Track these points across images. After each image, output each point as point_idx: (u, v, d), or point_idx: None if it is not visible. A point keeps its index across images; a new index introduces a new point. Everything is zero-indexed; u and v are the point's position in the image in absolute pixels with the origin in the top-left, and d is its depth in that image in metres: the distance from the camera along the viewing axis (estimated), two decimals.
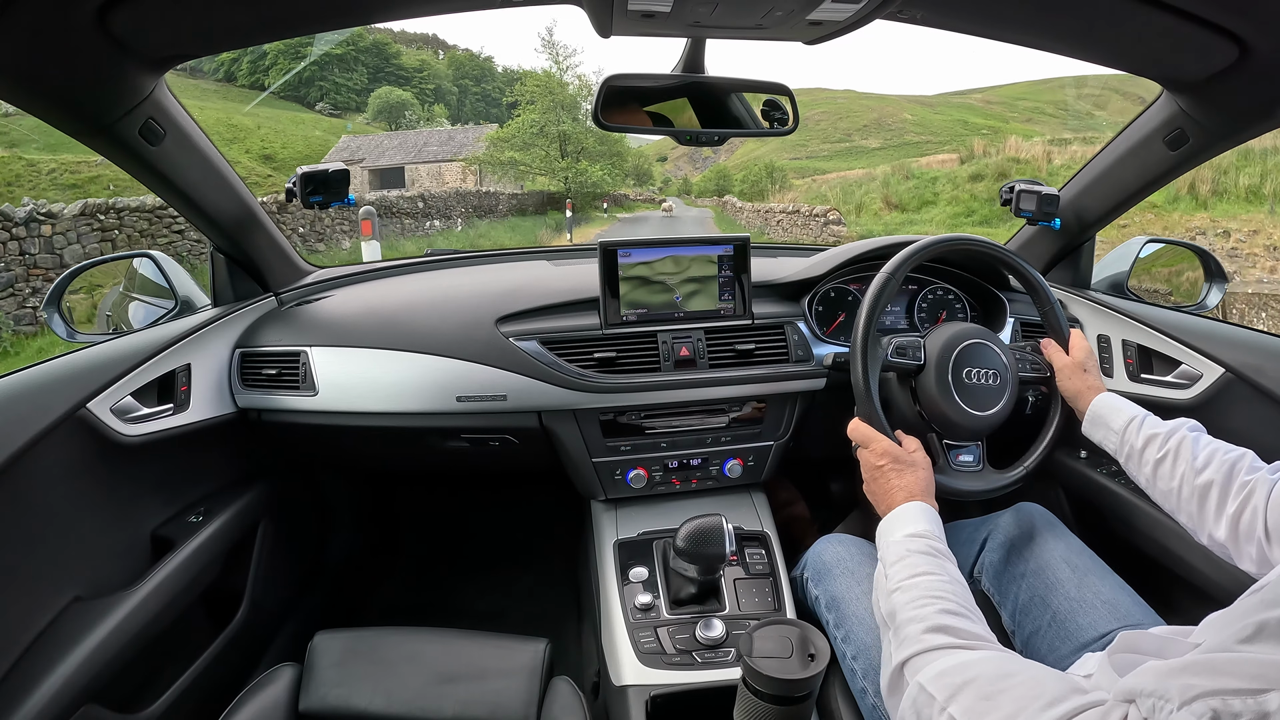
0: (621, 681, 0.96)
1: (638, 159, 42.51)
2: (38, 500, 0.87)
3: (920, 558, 0.72)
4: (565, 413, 1.16)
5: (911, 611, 0.65)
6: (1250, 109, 0.91)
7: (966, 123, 45.10)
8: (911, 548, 0.74)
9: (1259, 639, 0.39)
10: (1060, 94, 53.01)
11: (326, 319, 1.24)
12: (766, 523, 1.22)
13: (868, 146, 42.96)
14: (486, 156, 23.57)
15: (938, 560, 0.72)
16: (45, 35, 0.67)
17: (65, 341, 1.11)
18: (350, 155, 24.96)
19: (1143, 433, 0.88)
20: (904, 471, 0.85)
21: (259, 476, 1.30)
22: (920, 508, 0.80)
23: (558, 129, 24.83)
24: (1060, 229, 1.32)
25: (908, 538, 0.76)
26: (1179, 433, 0.85)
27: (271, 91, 44.91)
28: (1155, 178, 1.13)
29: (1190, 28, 0.74)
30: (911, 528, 0.78)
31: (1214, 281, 1.33)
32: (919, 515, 0.79)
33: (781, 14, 0.74)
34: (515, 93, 31.20)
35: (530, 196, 22.51)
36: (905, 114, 46.72)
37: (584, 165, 24.66)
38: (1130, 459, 0.89)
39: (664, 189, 50.71)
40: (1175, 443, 0.84)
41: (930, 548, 0.74)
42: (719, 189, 41.24)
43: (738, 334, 1.19)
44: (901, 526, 0.79)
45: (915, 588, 0.68)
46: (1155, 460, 0.85)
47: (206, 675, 1.10)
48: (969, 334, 1.03)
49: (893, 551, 0.75)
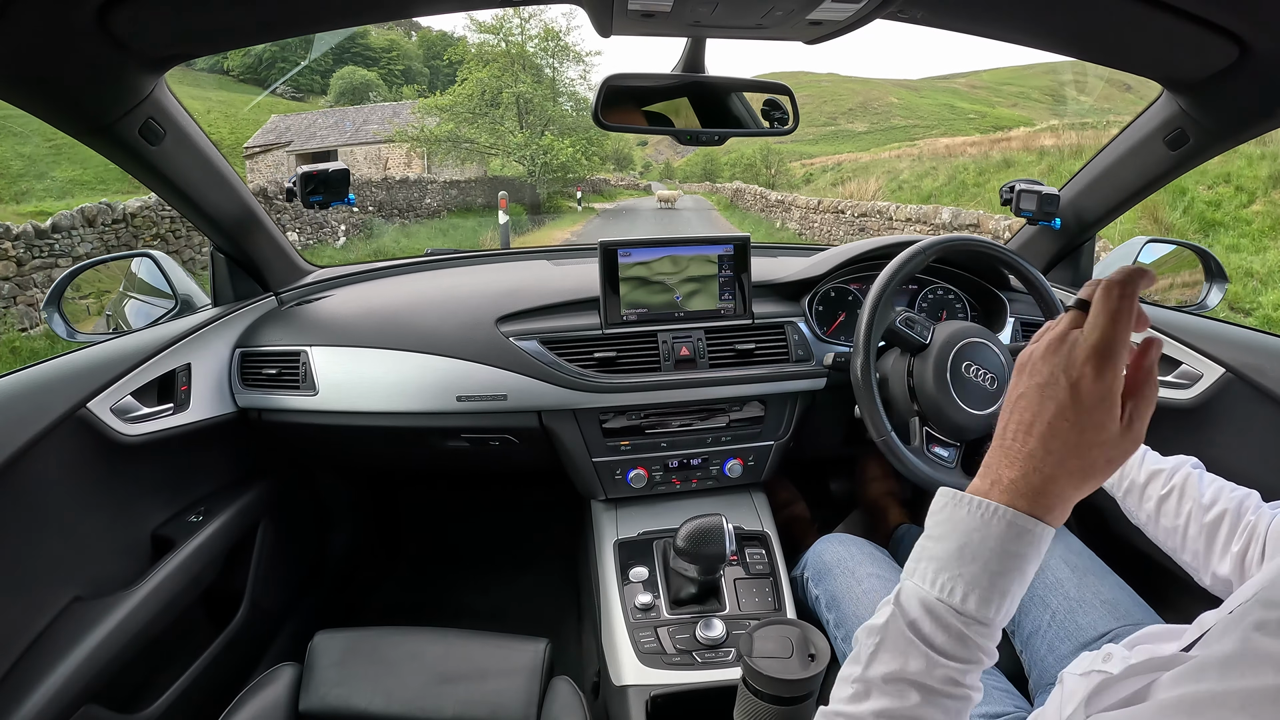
0: (621, 681, 0.96)
1: (618, 143, 39.86)
2: (38, 500, 0.86)
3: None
4: (565, 412, 1.16)
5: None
6: (1250, 109, 0.91)
7: (953, 107, 44.96)
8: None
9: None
10: (1044, 79, 52.79)
11: (326, 319, 1.24)
12: (766, 523, 1.22)
13: (854, 130, 42.71)
14: (417, 133, 18.15)
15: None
16: (45, 35, 0.67)
17: (65, 341, 1.11)
18: (278, 137, 20.78)
19: (1145, 468, 0.82)
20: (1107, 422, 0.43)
21: (259, 476, 1.30)
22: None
23: (515, 90, 19.06)
24: (1060, 229, 1.32)
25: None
26: (1183, 469, 0.80)
27: (227, 73, 41.86)
28: (1155, 178, 1.13)
29: (1190, 28, 0.74)
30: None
31: (1214, 281, 1.33)
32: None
33: (781, 14, 0.74)
34: (458, 50, 23.45)
35: (477, 186, 17.01)
36: (891, 97, 46.56)
37: (549, 141, 18.56)
38: (1130, 494, 0.84)
39: (645, 174, 48.41)
40: (1181, 479, 0.79)
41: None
42: (705, 173, 39.54)
43: (738, 334, 1.19)
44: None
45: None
46: (1159, 497, 0.80)
47: (206, 675, 1.10)
48: (971, 332, 1.04)
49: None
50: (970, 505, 0.44)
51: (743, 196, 18.95)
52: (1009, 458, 0.44)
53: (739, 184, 21.58)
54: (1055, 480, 0.42)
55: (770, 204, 15.96)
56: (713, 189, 28.92)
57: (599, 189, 28.79)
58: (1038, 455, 0.43)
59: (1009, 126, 22.04)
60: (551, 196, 19.56)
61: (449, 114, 18.87)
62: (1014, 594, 0.43)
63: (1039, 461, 0.42)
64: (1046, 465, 0.42)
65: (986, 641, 0.43)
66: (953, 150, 15.51)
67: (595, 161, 22.34)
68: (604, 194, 29.01)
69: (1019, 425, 0.44)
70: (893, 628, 0.44)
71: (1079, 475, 0.42)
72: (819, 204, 12.75)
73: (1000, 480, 0.44)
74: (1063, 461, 0.42)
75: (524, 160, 18.66)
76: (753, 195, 17.89)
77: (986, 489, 0.44)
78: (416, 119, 19.35)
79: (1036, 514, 0.43)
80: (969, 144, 15.66)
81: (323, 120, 22.30)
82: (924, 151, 17.17)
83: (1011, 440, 0.44)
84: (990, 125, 36.91)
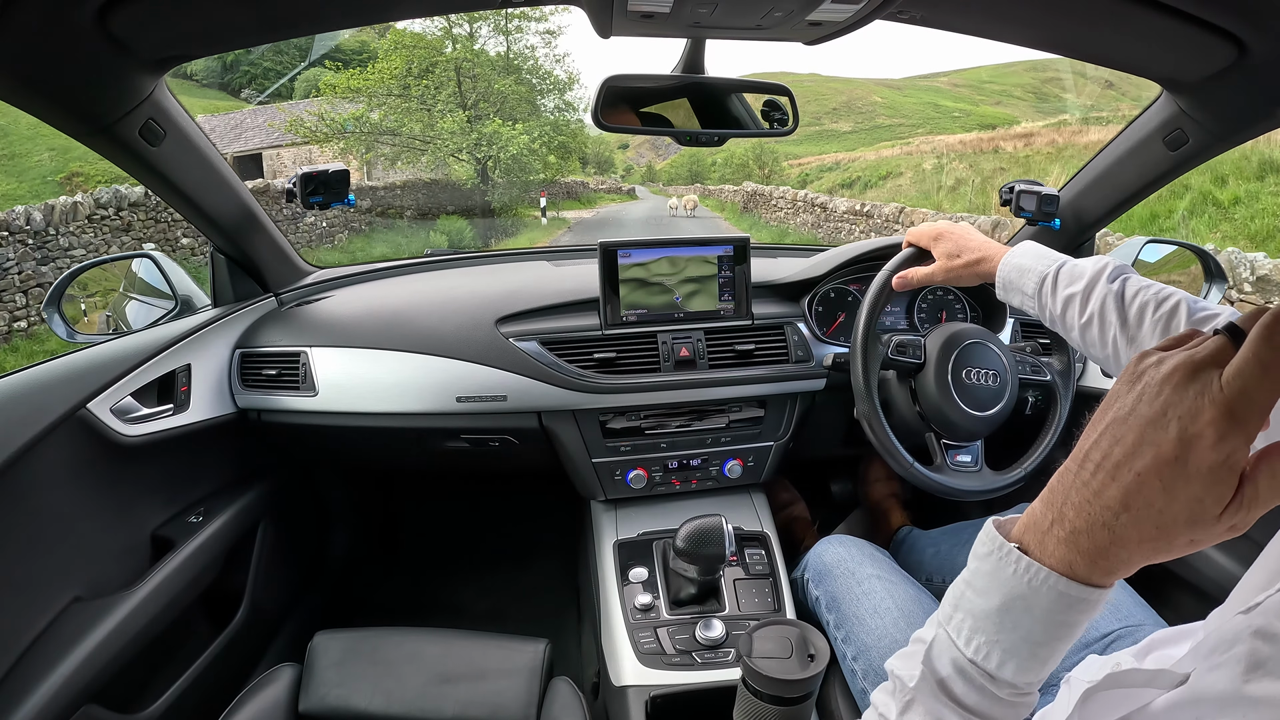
0: (621, 682, 0.96)
1: (598, 146, 38.17)
2: (38, 500, 0.87)
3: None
4: (565, 413, 1.16)
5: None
6: (1250, 109, 0.91)
7: (938, 105, 44.90)
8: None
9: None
10: (1025, 77, 52.68)
11: (326, 319, 1.24)
12: (766, 523, 1.22)
13: (839, 130, 42.51)
14: (314, 123, 13.59)
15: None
16: (45, 35, 0.67)
17: (65, 341, 1.11)
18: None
19: (1059, 294, 0.77)
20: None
21: (259, 477, 1.30)
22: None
23: (451, 57, 13.97)
24: (1060, 229, 1.32)
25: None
26: (1099, 287, 0.73)
27: (190, 77, 38.25)
28: (1155, 178, 1.13)
29: (1189, 28, 0.74)
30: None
31: (1213, 281, 1.33)
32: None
33: (781, 14, 0.74)
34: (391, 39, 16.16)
35: (407, 192, 12.62)
36: (874, 97, 46.50)
37: (496, 126, 13.56)
38: (1054, 324, 0.79)
39: (627, 177, 45.80)
40: (1098, 304, 0.73)
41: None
42: (692, 174, 38.05)
43: (738, 334, 1.19)
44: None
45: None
46: (1080, 326, 0.75)
47: (206, 675, 1.10)
48: (969, 334, 1.03)
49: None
50: (1017, 565, 0.37)
51: (764, 201, 14.70)
52: (1080, 495, 0.36)
53: (753, 186, 16.85)
54: (1125, 545, 0.34)
55: (797, 206, 12.56)
56: (705, 191, 25.27)
57: (575, 194, 23.53)
58: (1113, 509, 0.34)
59: (995, 125, 21.73)
60: (513, 204, 14.83)
61: (366, 96, 13.89)
62: (1057, 657, 0.38)
63: (1112, 517, 0.34)
64: (1120, 524, 0.34)
65: (1023, 699, 0.39)
66: (979, 145, 14.16)
67: (561, 158, 16.38)
68: (582, 200, 23.74)
69: (1103, 459, 0.35)
70: (924, 687, 0.41)
71: (1152, 548, 0.34)
72: (901, 212, 9.88)
73: (1063, 521, 0.36)
74: (1140, 527, 0.34)
75: (463, 154, 13.21)
76: (781, 201, 13.54)
77: (1045, 528, 0.37)
78: (317, 107, 14.51)
79: (1094, 579, 0.36)
80: (996, 138, 14.61)
81: (250, 120, 18.80)
82: (938, 148, 16.01)
83: (1090, 475, 0.36)
84: (976, 124, 36.67)
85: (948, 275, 0.93)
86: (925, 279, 0.95)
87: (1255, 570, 0.45)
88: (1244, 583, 0.45)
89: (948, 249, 0.92)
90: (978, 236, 0.92)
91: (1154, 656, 0.54)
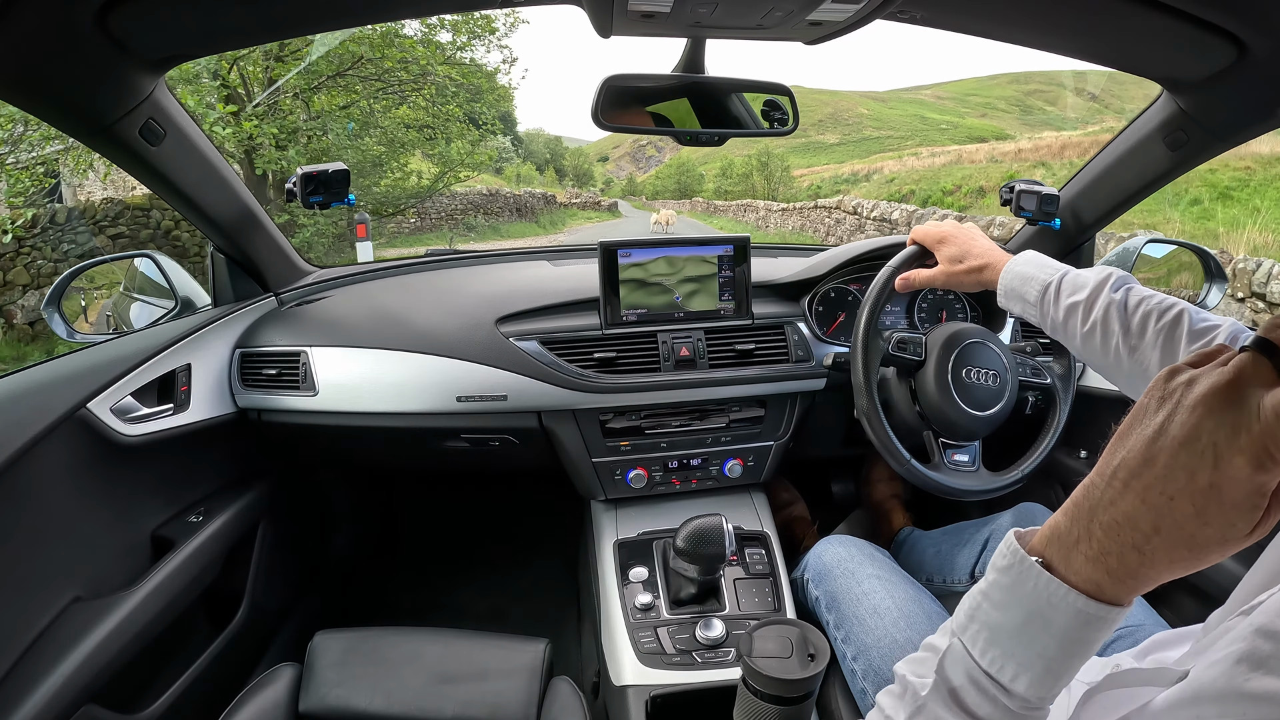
0: (621, 681, 0.96)
1: (577, 158, 36.62)
2: (38, 500, 0.87)
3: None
4: (565, 413, 1.16)
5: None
6: (1250, 109, 0.91)
7: (924, 118, 44.84)
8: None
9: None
10: (1008, 89, 52.67)
11: (326, 319, 1.24)
12: (766, 523, 1.22)
13: (826, 142, 42.34)
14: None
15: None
16: (45, 35, 0.67)
17: (65, 341, 1.11)
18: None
19: (1062, 303, 0.77)
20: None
21: (259, 477, 1.30)
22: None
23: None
24: (1060, 229, 1.32)
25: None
26: (1102, 296, 0.74)
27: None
28: (1155, 178, 1.13)
29: (1189, 28, 0.74)
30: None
31: (1214, 281, 1.33)
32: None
33: (781, 14, 0.74)
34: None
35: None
36: (860, 109, 46.44)
37: (300, 109, 7.95)
38: (1056, 332, 0.80)
39: (606, 190, 44.38)
40: (1100, 313, 0.73)
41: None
42: (680, 189, 36.37)
43: (738, 334, 1.19)
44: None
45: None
46: (1082, 335, 0.75)
47: (206, 675, 1.10)
48: (970, 334, 1.03)
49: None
50: (1038, 581, 0.37)
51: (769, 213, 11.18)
52: (1108, 515, 0.35)
53: (759, 203, 13.64)
54: (1155, 566, 0.34)
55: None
56: (712, 208, 22.71)
57: (529, 211, 14.60)
58: (1144, 531, 0.33)
59: (984, 137, 21.54)
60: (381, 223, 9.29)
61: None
62: (1071, 674, 0.38)
63: (1143, 539, 0.34)
64: (1151, 547, 0.34)
65: (1035, 713, 0.39)
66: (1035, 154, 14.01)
67: (475, 147, 10.32)
68: (540, 220, 15.31)
69: (1130, 477, 0.34)
70: (936, 695, 0.41)
71: (1182, 567, 0.34)
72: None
73: (1091, 539, 0.36)
74: (1172, 549, 0.33)
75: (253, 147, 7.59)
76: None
77: (1071, 544, 0.36)
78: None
79: (1117, 598, 0.35)
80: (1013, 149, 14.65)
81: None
82: (995, 154, 15.58)
83: (1118, 493, 0.35)
84: (965, 136, 36.56)
85: (949, 280, 0.93)
86: (927, 282, 0.96)
87: (1255, 571, 0.45)
88: (1244, 583, 0.45)
89: (951, 253, 0.93)
90: (982, 241, 0.92)
91: (1154, 657, 0.54)
